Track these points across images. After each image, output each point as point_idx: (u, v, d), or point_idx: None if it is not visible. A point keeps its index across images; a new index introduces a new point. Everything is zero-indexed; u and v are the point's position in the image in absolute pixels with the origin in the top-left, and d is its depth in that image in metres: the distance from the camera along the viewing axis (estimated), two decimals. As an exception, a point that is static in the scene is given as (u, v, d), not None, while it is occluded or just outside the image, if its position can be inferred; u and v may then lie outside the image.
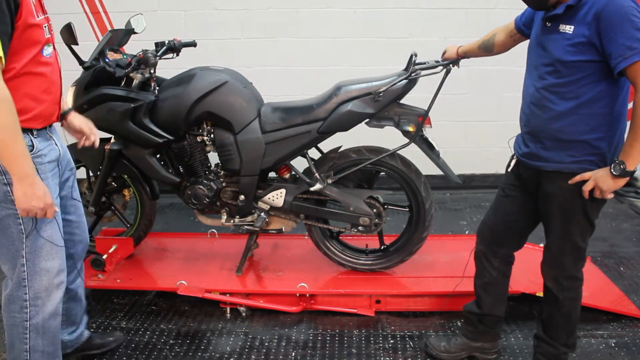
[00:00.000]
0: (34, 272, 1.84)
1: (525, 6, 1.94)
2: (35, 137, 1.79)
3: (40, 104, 1.79)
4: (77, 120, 2.12)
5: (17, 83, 1.71)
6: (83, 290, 2.29)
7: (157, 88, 2.54)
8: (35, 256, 1.83)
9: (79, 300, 2.25)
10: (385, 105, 2.47)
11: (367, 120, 2.53)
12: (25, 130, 1.74)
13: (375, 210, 2.65)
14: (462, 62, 2.42)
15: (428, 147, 2.53)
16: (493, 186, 3.83)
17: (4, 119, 1.62)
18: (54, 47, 1.86)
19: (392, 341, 2.47)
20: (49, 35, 1.81)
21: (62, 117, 2.10)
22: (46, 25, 1.79)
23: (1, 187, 1.74)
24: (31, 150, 1.76)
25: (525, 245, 2.19)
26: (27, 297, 1.85)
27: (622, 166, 1.74)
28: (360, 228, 2.68)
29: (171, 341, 2.48)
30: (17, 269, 1.84)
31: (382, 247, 2.84)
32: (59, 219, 1.90)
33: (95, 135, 2.14)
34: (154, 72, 2.49)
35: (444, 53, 2.45)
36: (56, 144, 1.90)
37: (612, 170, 1.75)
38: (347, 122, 2.51)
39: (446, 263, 2.85)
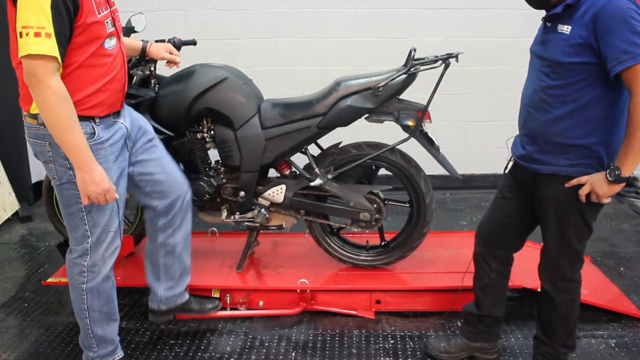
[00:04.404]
0: (94, 243, 2.00)
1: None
2: (97, 125, 1.87)
3: (102, 93, 1.85)
4: (156, 51, 2.36)
5: (78, 74, 1.78)
6: (184, 248, 2.35)
7: (157, 85, 2.54)
8: (95, 230, 1.98)
9: (177, 257, 2.34)
10: (385, 100, 2.47)
11: (366, 115, 2.52)
12: (88, 118, 1.83)
13: (375, 205, 2.65)
14: (462, 61, 2.41)
15: (428, 142, 2.52)
16: (493, 186, 3.76)
17: (59, 112, 1.71)
18: (119, 38, 1.91)
19: (392, 341, 2.46)
20: (112, 29, 1.85)
21: (143, 51, 2.34)
22: (109, 19, 1.83)
23: (66, 170, 1.87)
24: (92, 137, 1.84)
25: (527, 244, 2.17)
26: (86, 264, 2.03)
27: (617, 172, 1.72)
28: (360, 223, 2.67)
29: (171, 341, 2.47)
30: (81, 240, 2.00)
31: (383, 243, 2.83)
32: (119, 195, 1.99)
33: (178, 57, 2.41)
34: (154, 69, 2.50)
35: None
36: (122, 123, 1.97)
37: (608, 176, 1.74)
38: (347, 117, 2.50)
39: (447, 259, 2.84)
